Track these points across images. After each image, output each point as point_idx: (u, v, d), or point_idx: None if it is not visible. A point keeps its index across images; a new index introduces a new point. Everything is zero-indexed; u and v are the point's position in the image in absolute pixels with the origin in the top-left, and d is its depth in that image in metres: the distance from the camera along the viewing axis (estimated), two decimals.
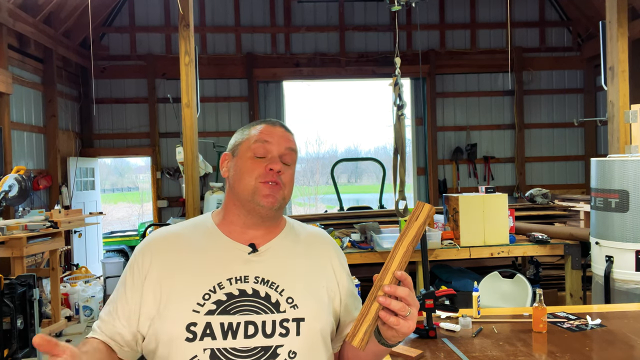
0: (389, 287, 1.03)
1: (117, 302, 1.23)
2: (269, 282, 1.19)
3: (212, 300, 1.15)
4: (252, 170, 1.22)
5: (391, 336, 1.08)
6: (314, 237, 1.35)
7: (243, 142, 1.27)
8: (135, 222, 16.00)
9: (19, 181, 5.17)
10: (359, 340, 1.02)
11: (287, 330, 1.16)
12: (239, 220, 1.25)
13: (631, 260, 3.35)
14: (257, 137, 1.25)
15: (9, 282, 3.91)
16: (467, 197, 4.15)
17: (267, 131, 1.26)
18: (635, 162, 3.34)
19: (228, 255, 1.21)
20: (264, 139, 1.25)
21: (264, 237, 1.26)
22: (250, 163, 1.23)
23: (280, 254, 1.25)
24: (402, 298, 1.03)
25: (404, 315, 1.03)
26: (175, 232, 1.28)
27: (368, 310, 1.04)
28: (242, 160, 1.25)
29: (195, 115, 5.10)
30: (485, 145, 9.04)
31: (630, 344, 1.98)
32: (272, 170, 1.21)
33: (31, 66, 6.90)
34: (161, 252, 1.23)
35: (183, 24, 4.98)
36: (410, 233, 1.09)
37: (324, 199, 21.13)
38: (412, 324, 1.05)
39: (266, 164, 1.22)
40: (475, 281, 2.59)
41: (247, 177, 1.22)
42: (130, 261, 1.26)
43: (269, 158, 1.23)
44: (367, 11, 8.93)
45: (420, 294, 2.12)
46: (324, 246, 1.34)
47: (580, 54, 9.03)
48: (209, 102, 8.55)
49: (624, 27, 4.83)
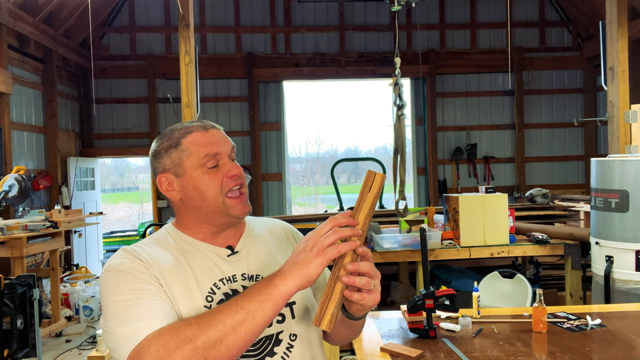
0: (351, 265, 1.03)
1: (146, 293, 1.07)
2: (254, 277, 1.21)
3: (216, 300, 1.15)
4: (212, 184, 1.17)
5: (357, 310, 1.11)
6: (269, 223, 1.39)
7: (186, 159, 1.18)
8: (135, 222, 16.01)
9: (19, 181, 5.17)
10: (327, 323, 1.02)
11: (283, 316, 1.20)
12: (210, 230, 1.22)
13: (631, 260, 3.35)
14: (203, 151, 1.17)
15: (9, 282, 3.91)
16: (467, 197, 4.15)
17: (208, 140, 1.19)
18: (635, 162, 3.33)
19: (211, 258, 1.21)
20: (211, 151, 1.18)
21: (235, 236, 1.26)
22: (207, 178, 1.17)
23: (254, 247, 1.27)
24: (365, 273, 1.04)
25: (369, 289, 1.05)
26: (143, 249, 1.18)
27: (332, 290, 1.04)
28: (194, 179, 1.17)
29: (195, 115, 5.11)
30: (485, 145, 9.04)
31: (630, 344, 1.97)
32: (234, 175, 1.19)
33: (31, 66, 6.90)
34: (148, 258, 1.15)
35: (183, 24, 4.98)
36: (366, 205, 1.07)
37: (324, 199, 21.12)
38: (376, 295, 1.07)
39: (225, 172, 1.18)
40: (475, 281, 2.59)
41: (209, 193, 1.17)
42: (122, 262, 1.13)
43: (222, 164, 1.19)
44: (367, 11, 8.93)
45: (420, 294, 2.12)
46: (281, 230, 1.37)
47: (580, 54, 9.03)
48: (209, 102, 8.56)
49: (624, 27, 4.83)
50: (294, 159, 21.22)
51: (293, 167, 21.22)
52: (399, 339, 2.10)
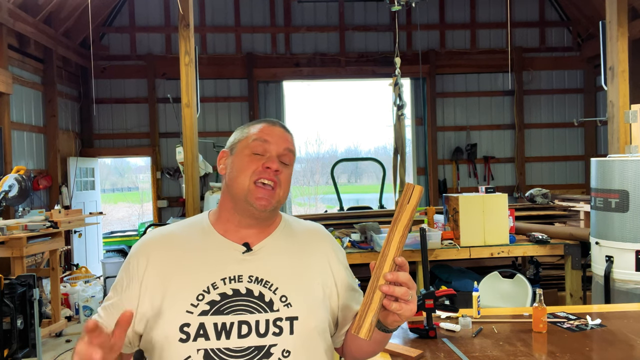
0: (390, 275, 1.03)
1: (113, 301, 1.22)
2: (263, 281, 1.18)
3: (206, 300, 1.14)
4: (248, 167, 1.21)
5: (393, 321, 1.10)
6: (310, 232, 1.34)
7: (242, 140, 1.26)
8: (135, 222, 16.00)
9: (19, 181, 5.17)
10: (365, 331, 1.02)
11: (281, 329, 1.15)
12: (234, 218, 1.24)
13: (631, 260, 3.35)
14: (256, 136, 1.24)
15: (9, 282, 3.91)
16: (467, 197, 4.15)
17: (267, 130, 1.26)
18: (635, 162, 3.33)
19: (222, 254, 1.21)
20: (263, 137, 1.24)
21: (258, 235, 1.25)
22: (247, 160, 1.22)
23: (275, 252, 1.24)
24: (404, 283, 1.04)
25: (406, 300, 1.04)
26: (170, 233, 1.27)
27: (371, 299, 1.04)
28: (239, 158, 1.23)
29: (195, 115, 5.11)
30: (485, 145, 9.04)
31: (630, 344, 1.97)
32: (269, 168, 1.20)
33: (31, 66, 6.90)
34: (156, 253, 1.22)
35: (183, 24, 4.98)
36: (404, 217, 1.08)
37: (324, 199, 21.11)
38: (413, 306, 1.07)
39: (263, 162, 1.21)
40: (475, 281, 2.59)
41: (242, 175, 1.21)
42: (126, 262, 1.25)
43: (267, 157, 1.22)
44: (367, 11, 8.93)
45: (420, 294, 2.11)
46: (320, 241, 1.33)
47: (580, 54, 9.03)
48: (209, 102, 8.55)
49: (624, 27, 4.83)
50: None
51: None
52: (399, 339, 2.10)
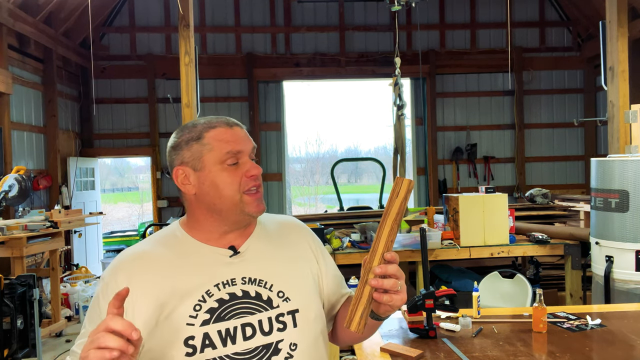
0: (379, 269, 1.06)
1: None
2: (257, 281, 1.18)
3: (204, 309, 1.12)
4: (232, 181, 1.16)
5: (385, 311, 1.13)
6: (286, 225, 1.35)
7: (205, 153, 1.16)
8: (135, 222, 16.00)
9: (19, 181, 5.17)
10: (356, 325, 1.06)
11: (284, 324, 1.16)
12: (218, 229, 1.21)
13: (631, 260, 3.35)
14: (226, 148, 1.16)
15: (9, 282, 3.91)
16: (467, 197, 4.15)
17: (231, 137, 1.18)
18: (635, 162, 3.33)
19: (209, 261, 1.18)
20: (235, 149, 1.17)
21: (241, 237, 1.24)
22: (226, 175, 1.16)
23: (260, 250, 1.24)
24: (392, 275, 1.07)
25: (396, 290, 1.07)
26: (143, 251, 1.20)
27: (361, 293, 1.07)
28: (213, 174, 1.16)
29: (195, 115, 5.10)
30: (485, 145, 9.04)
31: (630, 344, 1.97)
32: (253, 175, 1.18)
33: (31, 66, 6.90)
34: (136, 274, 1.15)
35: (183, 24, 4.98)
36: (393, 211, 1.09)
37: (324, 199, 21.11)
38: (403, 295, 1.10)
39: (245, 172, 1.18)
40: (475, 281, 2.59)
41: (228, 190, 1.16)
42: (101, 287, 1.15)
43: (243, 163, 1.18)
44: (367, 11, 8.93)
45: (420, 294, 2.12)
46: (299, 232, 1.35)
47: (580, 54, 9.03)
48: (209, 102, 8.55)
49: (624, 27, 4.83)
50: (294, 159, 21.19)
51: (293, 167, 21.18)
52: (399, 339, 2.10)
